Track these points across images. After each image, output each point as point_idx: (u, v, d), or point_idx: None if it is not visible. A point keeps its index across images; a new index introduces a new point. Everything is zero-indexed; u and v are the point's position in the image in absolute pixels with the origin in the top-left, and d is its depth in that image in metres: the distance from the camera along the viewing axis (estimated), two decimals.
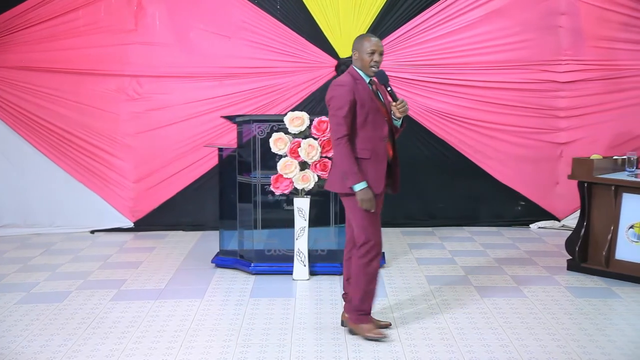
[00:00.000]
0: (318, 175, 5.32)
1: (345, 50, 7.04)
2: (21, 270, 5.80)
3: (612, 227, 5.39)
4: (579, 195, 5.60)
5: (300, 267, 5.44)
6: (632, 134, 6.97)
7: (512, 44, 7.02)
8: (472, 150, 7.20)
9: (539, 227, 7.24)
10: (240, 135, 5.69)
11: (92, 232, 7.16)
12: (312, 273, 5.50)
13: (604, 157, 5.74)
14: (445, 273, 5.60)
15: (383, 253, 5.75)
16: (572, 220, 6.84)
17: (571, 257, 5.63)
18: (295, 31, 7.06)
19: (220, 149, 5.96)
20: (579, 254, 5.54)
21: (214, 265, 5.82)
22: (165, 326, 4.44)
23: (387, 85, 4.16)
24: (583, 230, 5.54)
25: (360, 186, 4.01)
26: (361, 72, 4.15)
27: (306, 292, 5.13)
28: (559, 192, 7.20)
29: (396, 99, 4.14)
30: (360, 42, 4.15)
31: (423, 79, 7.07)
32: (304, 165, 5.35)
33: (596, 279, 5.39)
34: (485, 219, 7.34)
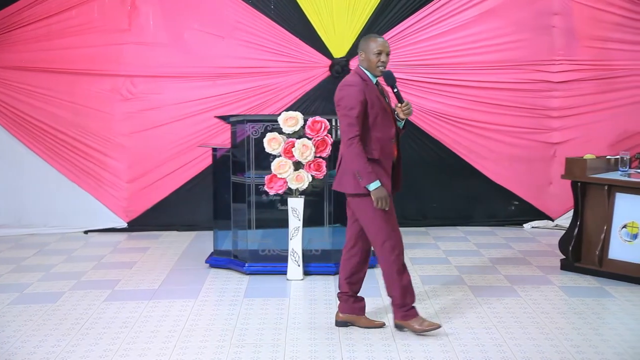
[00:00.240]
0: (312, 175, 5.32)
1: (339, 50, 7.05)
2: (15, 270, 5.79)
3: (605, 227, 5.40)
4: (573, 195, 5.61)
5: (295, 267, 5.44)
6: (626, 133, 7.00)
7: (506, 44, 7.05)
8: (466, 150, 7.21)
9: (533, 227, 7.25)
10: (234, 135, 5.68)
11: (86, 232, 7.13)
12: (306, 273, 5.50)
13: (597, 157, 5.74)
14: (439, 273, 5.60)
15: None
16: (565, 220, 6.85)
17: (565, 257, 5.64)
18: (289, 31, 7.05)
19: (214, 149, 5.95)
20: (572, 254, 5.55)
21: (208, 265, 5.81)
22: (159, 326, 4.43)
23: (394, 86, 4.17)
24: (576, 230, 5.56)
25: (374, 185, 4.02)
26: (368, 73, 4.16)
27: (300, 292, 5.13)
28: (552, 191, 7.22)
29: (402, 101, 4.16)
30: (366, 42, 4.16)
31: (417, 79, 7.08)
32: (298, 165, 5.35)
33: (589, 278, 5.40)
34: (479, 219, 7.35)
